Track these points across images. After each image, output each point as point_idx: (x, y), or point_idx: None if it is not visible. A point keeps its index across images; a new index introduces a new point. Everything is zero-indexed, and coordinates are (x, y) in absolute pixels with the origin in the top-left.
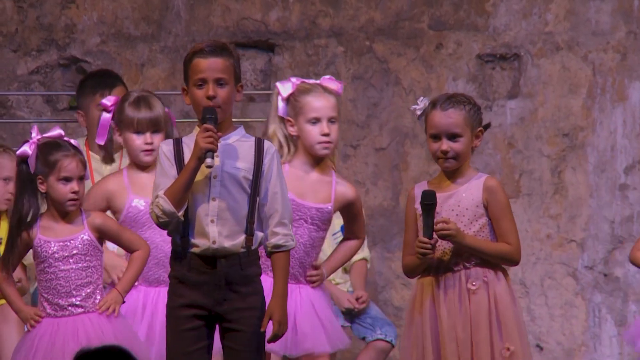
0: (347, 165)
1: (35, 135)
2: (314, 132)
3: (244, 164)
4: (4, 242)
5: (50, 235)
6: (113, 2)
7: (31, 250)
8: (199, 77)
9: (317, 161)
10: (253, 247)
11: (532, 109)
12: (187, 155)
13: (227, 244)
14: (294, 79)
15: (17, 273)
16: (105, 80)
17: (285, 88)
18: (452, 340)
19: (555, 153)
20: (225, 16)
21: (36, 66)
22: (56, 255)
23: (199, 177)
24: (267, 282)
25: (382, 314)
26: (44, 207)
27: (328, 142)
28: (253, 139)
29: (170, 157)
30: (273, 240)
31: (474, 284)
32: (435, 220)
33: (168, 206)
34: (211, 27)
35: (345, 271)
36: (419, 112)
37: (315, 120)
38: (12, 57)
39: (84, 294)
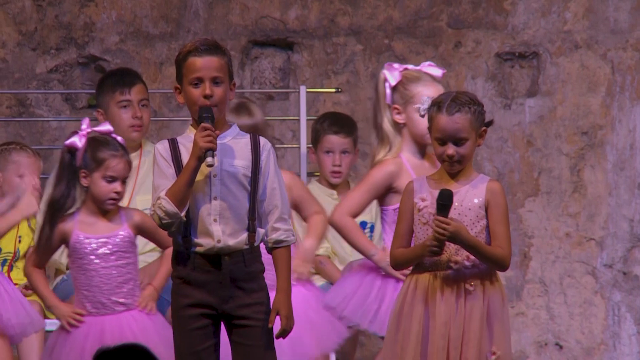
0: (365, 164)
1: (85, 127)
2: (425, 121)
3: (242, 162)
4: (23, 240)
5: (90, 232)
6: (132, 1)
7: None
8: (195, 76)
9: (424, 149)
10: (255, 244)
11: (551, 108)
12: (184, 154)
13: (231, 242)
14: (396, 65)
15: None
16: (125, 78)
17: (393, 76)
18: (443, 337)
19: (574, 151)
20: (244, 14)
21: (55, 65)
22: (97, 252)
23: (199, 176)
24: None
25: None
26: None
27: None
28: (248, 136)
29: (167, 158)
30: (274, 236)
31: (471, 284)
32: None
33: (171, 207)
34: (230, 26)
35: None
36: (422, 112)
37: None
38: (31, 56)
39: (125, 291)
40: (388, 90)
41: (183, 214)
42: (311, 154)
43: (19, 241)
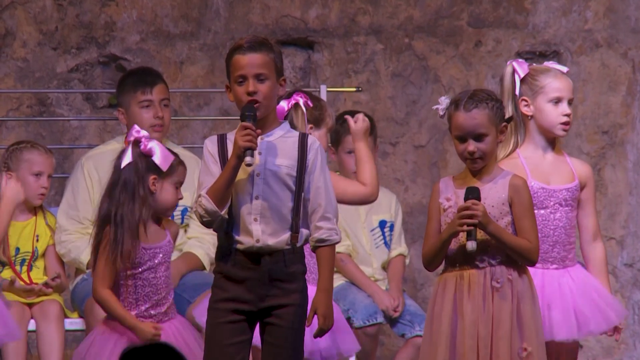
0: (386, 163)
1: (134, 130)
2: (556, 113)
3: (287, 161)
4: (41, 239)
5: (144, 241)
6: (152, 0)
7: None
8: (239, 74)
9: (552, 142)
10: (298, 244)
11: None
12: (232, 150)
13: (271, 241)
14: (521, 60)
15: (56, 268)
16: (146, 77)
17: (522, 68)
18: (472, 336)
19: (594, 150)
20: (264, 14)
21: (76, 64)
22: (151, 262)
23: (242, 175)
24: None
25: (421, 311)
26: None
27: (568, 122)
28: (297, 134)
29: (214, 154)
30: (317, 235)
31: (498, 281)
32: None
33: (210, 205)
34: (250, 25)
35: (384, 268)
36: (441, 112)
37: (557, 100)
38: (51, 55)
39: (170, 301)
40: (517, 82)
41: (224, 212)
42: (331, 154)
43: (37, 240)
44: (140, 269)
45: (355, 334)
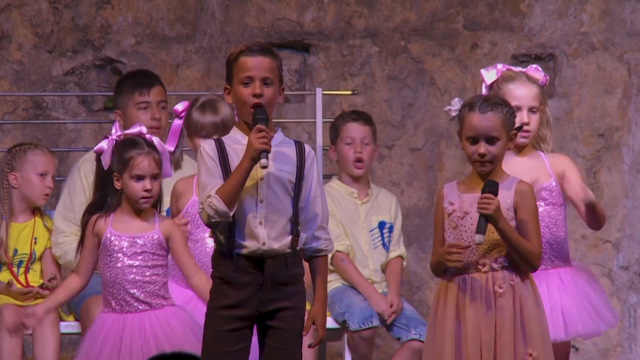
0: (382, 166)
1: (115, 132)
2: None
3: (288, 167)
4: (39, 241)
5: (121, 230)
6: (148, 3)
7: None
8: (245, 75)
9: (520, 148)
10: (298, 248)
11: (567, 109)
12: (231, 155)
13: (276, 245)
14: (499, 66)
15: (52, 269)
16: (144, 79)
17: (489, 75)
18: (475, 341)
19: (590, 153)
20: (260, 17)
21: (71, 67)
22: (125, 250)
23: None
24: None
25: (417, 314)
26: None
27: (527, 131)
28: (293, 142)
29: (215, 157)
30: (315, 245)
31: (501, 287)
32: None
33: (222, 206)
34: (246, 28)
35: (383, 270)
36: (453, 114)
37: (516, 109)
38: (47, 58)
39: (149, 291)
40: (484, 90)
41: (232, 214)
42: (331, 152)
43: (35, 242)
44: (113, 257)
45: (351, 337)
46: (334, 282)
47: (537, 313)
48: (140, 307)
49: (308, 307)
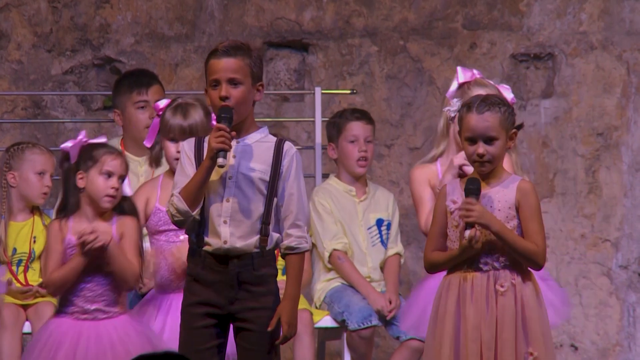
0: (381, 165)
1: (81, 137)
2: None
3: (261, 165)
4: (38, 240)
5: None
6: (147, 2)
7: None
8: (212, 78)
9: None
10: (268, 248)
11: (566, 109)
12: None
13: (239, 244)
14: (475, 71)
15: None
16: (142, 79)
17: (465, 75)
18: (475, 340)
19: (589, 152)
20: (259, 16)
21: (70, 66)
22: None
23: (215, 177)
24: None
25: None
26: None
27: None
28: (274, 139)
29: (191, 156)
30: (286, 242)
31: (502, 285)
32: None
33: (182, 205)
34: (245, 27)
35: (382, 268)
36: (452, 115)
37: None
38: (46, 57)
39: (109, 300)
40: (454, 86)
41: (195, 212)
42: (330, 150)
43: (34, 241)
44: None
45: (350, 337)
46: (332, 282)
47: (538, 312)
48: (99, 315)
49: (307, 306)
